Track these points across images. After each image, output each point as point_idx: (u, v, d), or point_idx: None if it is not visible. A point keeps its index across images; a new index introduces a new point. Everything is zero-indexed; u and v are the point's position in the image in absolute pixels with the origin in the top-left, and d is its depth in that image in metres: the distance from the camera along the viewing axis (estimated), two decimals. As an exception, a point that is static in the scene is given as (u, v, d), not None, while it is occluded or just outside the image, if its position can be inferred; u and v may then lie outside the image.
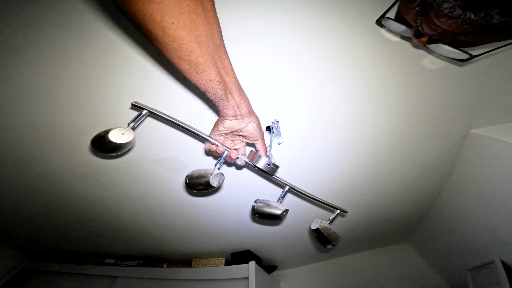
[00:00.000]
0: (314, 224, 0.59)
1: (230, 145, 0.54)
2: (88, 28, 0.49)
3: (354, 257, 1.40)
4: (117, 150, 0.43)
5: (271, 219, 0.53)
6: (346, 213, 0.63)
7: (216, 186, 0.47)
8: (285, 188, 0.57)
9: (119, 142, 0.41)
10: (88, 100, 0.60)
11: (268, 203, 0.54)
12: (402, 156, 0.85)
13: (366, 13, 0.52)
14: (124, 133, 0.42)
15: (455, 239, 1.01)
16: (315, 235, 0.59)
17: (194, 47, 0.32)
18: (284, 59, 0.57)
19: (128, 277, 1.13)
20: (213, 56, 0.35)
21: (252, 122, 0.48)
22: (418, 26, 0.43)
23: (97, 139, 0.42)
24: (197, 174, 0.48)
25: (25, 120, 0.62)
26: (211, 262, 1.16)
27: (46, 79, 0.56)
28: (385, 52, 0.59)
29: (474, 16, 0.34)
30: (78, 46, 0.52)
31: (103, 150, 0.42)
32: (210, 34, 0.33)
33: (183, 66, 0.34)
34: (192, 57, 0.33)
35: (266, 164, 0.52)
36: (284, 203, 0.55)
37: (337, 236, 0.59)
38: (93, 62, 0.54)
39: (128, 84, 0.58)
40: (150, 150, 0.71)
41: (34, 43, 0.50)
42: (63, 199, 0.88)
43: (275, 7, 0.51)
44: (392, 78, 0.63)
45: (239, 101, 0.43)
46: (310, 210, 0.98)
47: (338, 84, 0.63)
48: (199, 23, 0.31)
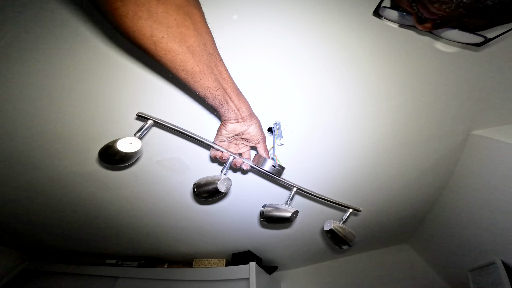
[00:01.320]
0: (327, 225, 0.57)
1: (234, 150, 0.54)
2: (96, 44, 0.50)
3: (355, 258, 1.40)
4: (125, 161, 0.42)
5: (281, 222, 0.52)
6: (359, 212, 0.61)
7: (224, 191, 0.47)
8: (293, 190, 0.56)
9: (127, 151, 0.41)
10: (90, 106, 0.60)
11: (276, 206, 0.53)
12: (404, 157, 0.85)
13: (362, 6, 0.51)
14: (131, 143, 0.42)
15: (456, 240, 1.01)
16: (329, 236, 0.57)
17: (188, 58, 0.34)
18: (285, 60, 0.57)
19: (129, 278, 1.14)
20: (208, 65, 0.36)
21: (253, 125, 0.49)
22: (417, 12, 0.41)
23: (105, 149, 0.41)
24: (204, 181, 0.47)
25: (31, 123, 0.62)
26: (212, 263, 1.16)
27: (48, 85, 0.56)
28: (386, 46, 0.57)
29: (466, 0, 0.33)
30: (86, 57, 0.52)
31: (110, 161, 0.41)
32: (202, 44, 0.34)
33: (181, 75, 0.36)
34: (188, 67, 0.35)
35: (272, 166, 0.52)
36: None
37: (353, 235, 0.57)
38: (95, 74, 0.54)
39: (133, 93, 0.58)
40: (152, 151, 0.71)
41: (44, 49, 0.51)
42: (64, 200, 0.88)
43: (276, 8, 0.50)
44: (394, 78, 0.63)
45: (239, 105, 0.44)
46: (311, 210, 0.98)
47: (339, 85, 0.63)
48: (189, 34, 0.32)
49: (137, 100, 0.59)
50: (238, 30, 0.51)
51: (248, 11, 0.50)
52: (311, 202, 0.94)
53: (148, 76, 0.56)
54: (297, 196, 0.90)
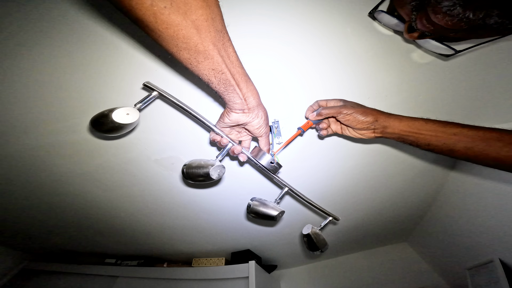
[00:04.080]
0: (305, 229, 0.57)
1: (235, 137, 0.51)
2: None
3: (354, 256, 1.40)
4: (116, 131, 0.39)
5: (266, 219, 0.51)
6: (337, 221, 0.61)
7: (216, 178, 0.45)
8: (284, 190, 0.56)
9: (122, 122, 0.38)
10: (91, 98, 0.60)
11: (265, 202, 0.52)
12: (402, 155, 0.85)
13: (359, 5, 0.51)
14: (129, 113, 0.39)
15: (454, 238, 1.01)
16: (305, 240, 0.57)
17: (192, 33, 0.29)
18: (284, 58, 0.57)
19: (128, 277, 1.14)
20: (214, 43, 0.31)
21: (259, 117, 0.44)
22: (412, 22, 0.42)
23: (99, 117, 0.38)
24: (196, 163, 0.44)
25: (28, 116, 0.62)
26: (211, 262, 1.16)
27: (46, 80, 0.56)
28: (379, 47, 0.58)
29: (473, 16, 0.34)
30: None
31: (101, 129, 0.39)
32: (210, 18, 0.29)
33: (182, 55, 0.31)
34: (191, 45, 0.30)
35: (269, 162, 0.51)
36: (287, 202, 0.53)
37: (325, 243, 0.57)
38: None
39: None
40: (150, 150, 0.71)
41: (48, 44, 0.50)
42: (64, 199, 0.88)
43: (275, 4, 0.50)
44: (391, 76, 0.63)
45: (247, 93, 0.40)
46: (312, 209, 0.98)
47: (338, 83, 0.63)
48: (196, 5, 0.27)
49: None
50: (237, 20, 0.50)
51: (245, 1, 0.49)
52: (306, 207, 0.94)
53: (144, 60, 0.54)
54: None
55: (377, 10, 0.48)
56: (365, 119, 0.47)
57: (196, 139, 0.69)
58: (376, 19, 0.50)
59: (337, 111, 0.48)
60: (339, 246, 1.30)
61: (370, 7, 0.49)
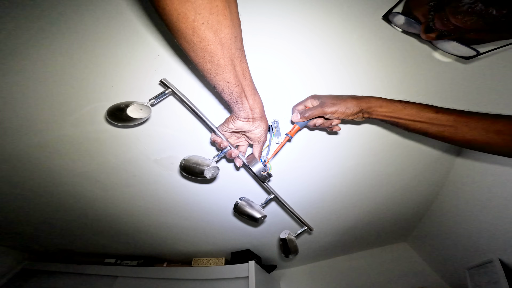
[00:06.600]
0: (283, 233, 0.62)
1: (234, 141, 0.55)
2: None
3: (354, 256, 1.40)
4: (128, 122, 0.45)
5: (249, 219, 0.56)
6: (311, 231, 0.67)
7: (209, 178, 0.49)
8: (270, 196, 0.60)
9: (135, 117, 0.44)
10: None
11: (251, 204, 0.57)
12: (402, 155, 0.85)
13: (370, 9, 0.51)
14: (142, 109, 0.45)
15: (454, 238, 1.01)
16: (280, 243, 0.62)
17: (217, 49, 0.33)
18: (286, 58, 0.57)
19: (128, 277, 1.14)
20: (233, 59, 0.36)
21: (261, 127, 0.49)
22: (430, 22, 0.41)
23: (115, 109, 0.44)
24: (194, 160, 0.49)
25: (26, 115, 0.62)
26: (211, 262, 1.16)
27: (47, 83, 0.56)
28: (387, 49, 0.58)
29: (496, 12, 0.33)
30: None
31: (115, 120, 0.45)
32: (233, 36, 0.33)
33: (206, 66, 0.35)
34: (215, 59, 0.34)
35: (260, 171, 0.54)
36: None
37: (297, 249, 0.63)
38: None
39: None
40: (150, 150, 0.71)
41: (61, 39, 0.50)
42: (64, 199, 0.88)
43: (277, 5, 0.50)
44: (392, 76, 0.64)
45: (253, 105, 0.44)
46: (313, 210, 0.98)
47: (338, 83, 0.63)
48: (225, 25, 0.32)
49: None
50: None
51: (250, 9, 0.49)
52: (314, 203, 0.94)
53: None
54: (299, 198, 0.90)
55: (392, 12, 0.47)
56: (352, 112, 0.50)
57: (196, 139, 0.69)
58: (391, 22, 0.50)
59: (320, 112, 0.50)
60: (339, 245, 1.30)
61: (381, 10, 0.48)
